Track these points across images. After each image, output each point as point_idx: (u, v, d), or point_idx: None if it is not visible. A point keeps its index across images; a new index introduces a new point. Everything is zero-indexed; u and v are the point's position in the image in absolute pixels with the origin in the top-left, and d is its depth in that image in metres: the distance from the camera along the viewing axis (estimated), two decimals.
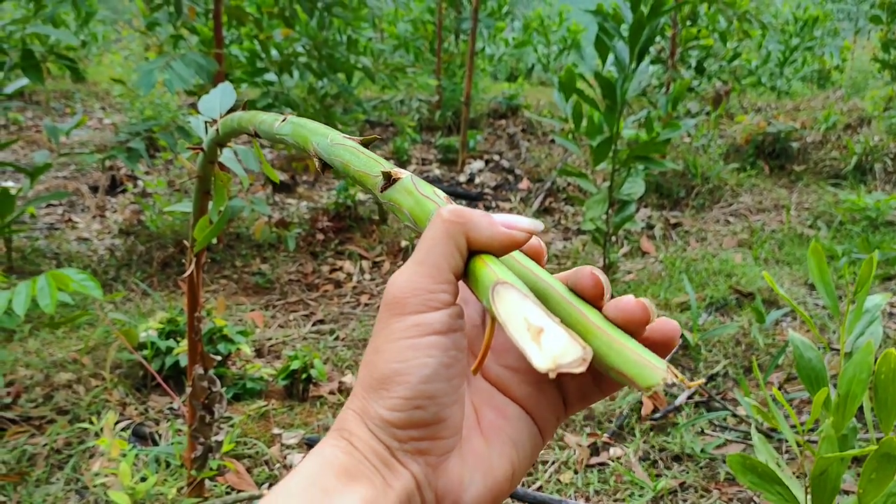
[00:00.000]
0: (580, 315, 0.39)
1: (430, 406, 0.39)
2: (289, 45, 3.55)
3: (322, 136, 0.53)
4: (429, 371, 0.39)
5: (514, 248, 0.41)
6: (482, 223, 0.40)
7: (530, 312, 0.35)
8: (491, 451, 0.43)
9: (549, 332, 0.34)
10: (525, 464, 0.45)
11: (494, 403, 0.45)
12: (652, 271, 3.34)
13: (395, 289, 0.41)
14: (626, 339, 0.38)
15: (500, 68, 8.70)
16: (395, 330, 0.40)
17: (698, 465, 1.99)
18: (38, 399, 2.14)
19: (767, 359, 2.50)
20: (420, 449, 0.40)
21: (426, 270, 0.40)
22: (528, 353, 0.33)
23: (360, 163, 0.48)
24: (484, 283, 0.38)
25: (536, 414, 0.46)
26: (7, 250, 3.02)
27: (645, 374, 0.36)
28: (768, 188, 4.58)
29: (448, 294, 0.40)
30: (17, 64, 2.50)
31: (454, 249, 0.40)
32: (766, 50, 7.70)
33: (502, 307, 0.36)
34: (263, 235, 3.45)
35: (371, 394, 0.40)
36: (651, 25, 2.77)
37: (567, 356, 0.33)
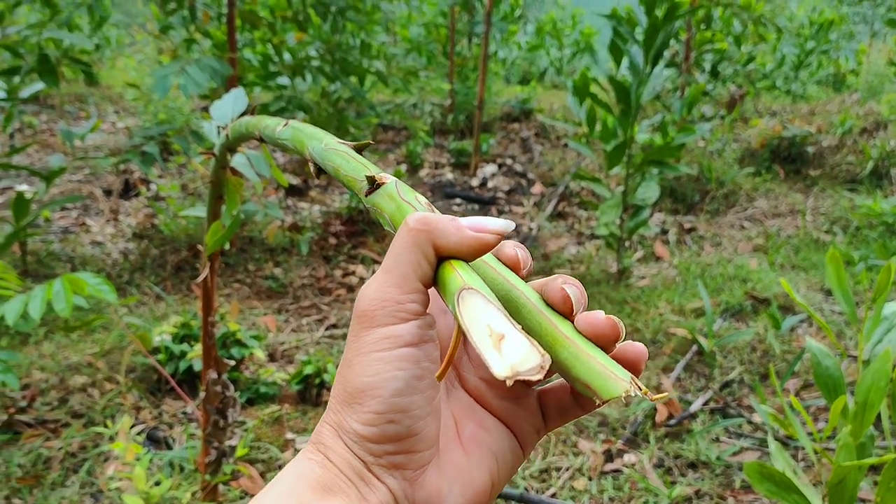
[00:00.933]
0: (550, 325, 0.39)
1: (403, 419, 0.39)
2: (302, 48, 3.55)
3: (317, 141, 0.53)
4: (400, 384, 0.39)
5: (484, 251, 0.40)
6: (448, 229, 0.40)
7: (493, 319, 0.35)
8: (470, 462, 0.43)
9: (509, 338, 0.34)
10: (505, 476, 0.44)
11: (475, 415, 0.45)
12: (666, 276, 3.32)
13: (364, 301, 0.40)
14: (593, 350, 0.38)
15: (512, 72, 8.69)
16: (365, 343, 0.39)
17: (714, 473, 1.98)
18: (53, 402, 2.15)
19: (783, 366, 2.48)
20: (395, 463, 0.40)
21: (394, 281, 0.40)
22: (488, 359, 0.33)
23: (350, 167, 0.48)
24: (450, 290, 0.38)
25: (515, 427, 0.45)
26: (22, 254, 3.04)
27: (608, 385, 0.36)
28: (784, 193, 4.55)
29: (417, 304, 0.40)
30: (34, 68, 2.51)
31: (421, 258, 0.40)
32: (781, 53, 7.66)
33: (466, 313, 0.35)
34: (276, 239, 3.46)
35: (345, 408, 0.40)
36: (666, 29, 2.76)
37: (525, 363, 0.33)
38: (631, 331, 2.74)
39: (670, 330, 2.71)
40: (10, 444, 1.95)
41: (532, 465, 1.99)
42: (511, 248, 0.43)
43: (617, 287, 3.15)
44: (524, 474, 1.95)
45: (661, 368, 2.49)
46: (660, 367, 2.50)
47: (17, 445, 1.95)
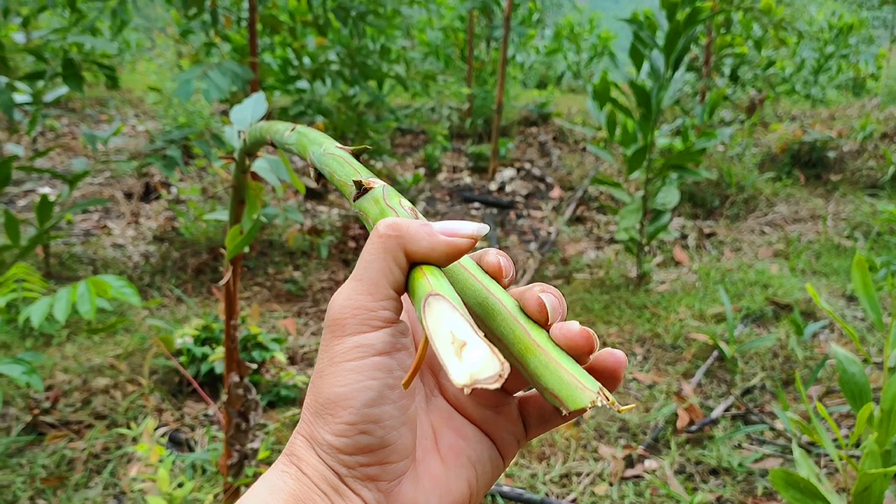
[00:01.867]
0: (523, 333, 0.39)
1: (376, 430, 0.38)
2: (322, 52, 3.57)
3: (317, 146, 0.54)
4: (373, 394, 0.38)
5: (457, 256, 0.39)
6: (419, 234, 0.39)
7: (456, 325, 0.34)
8: (448, 472, 0.42)
9: (471, 346, 0.33)
10: (483, 486, 0.44)
11: (453, 424, 0.44)
12: (686, 281, 3.31)
13: (335, 309, 0.40)
14: (564, 360, 0.37)
15: (530, 76, 8.69)
16: (337, 353, 0.39)
17: (735, 480, 1.96)
18: (76, 404, 2.16)
19: (806, 372, 2.46)
20: (369, 475, 0.39)
21: (364, 288, 0.39)
22: (448, 366, 0.33)
23: (343, 172, 0.49)
24: (418, 295, 0.37)
25: (496, 436, 0.45)
26: (45, 256, 3.06)
27: (575, 395, 0.36)
28: (804, 198, 4.52)
29: (389, 311, 0.39)
30: (58, 72, 2.53)
31: (392, 264, 0.39)
32: (801, 57, 7.62)
33: (431, 319, 0.35)
34: (296, 243, 3.47)
35: (317, 419, 0.39)
36: (687, 33, 2.75)
37: (484, 371, 0.32)
38: (651, 336, 2.73)
39: (690, 335, 2.70)
40: (35, 445, 1.97)
41: (552, 470, 1.98)
42: (493, 256, 0.42)
43: (636, 292, 3.14)
44: (545, 479, 1.94)
45: (681, 374, 2.48)
46: (680, 372, 2.49)
47: (41, 446, 1.96)
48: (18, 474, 1.84)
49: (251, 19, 2.79)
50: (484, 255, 0.43)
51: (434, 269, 0.39)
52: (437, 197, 4.63)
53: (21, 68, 3.03)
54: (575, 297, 3.09)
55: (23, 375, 1.59)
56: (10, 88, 2.50)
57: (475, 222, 0.40)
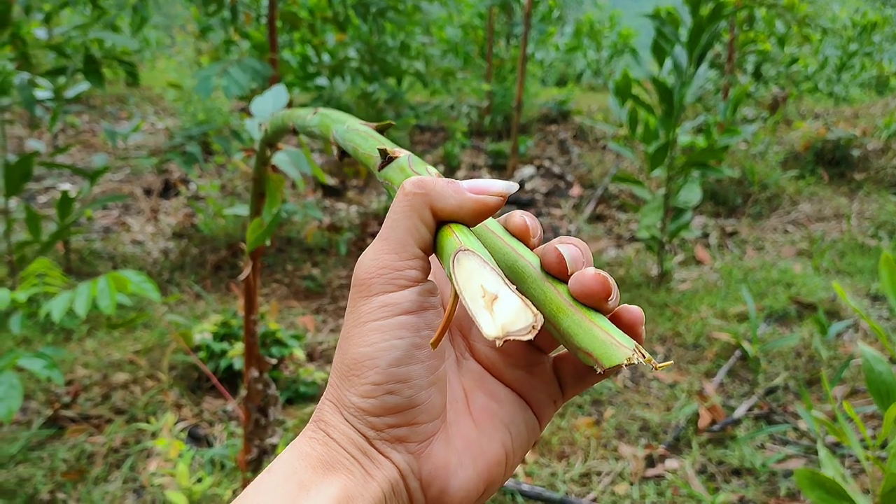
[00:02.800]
0: (554, 294, 0.38)
1: (403, 390, 0.37)
2: (341, 49, 3.56)
3: (341, 124, 0.54)
4: (399, 353, 0.37)
5: (486, 214, 0.38)
6: (446, 191, 0.38)
7: (487, 279, 0.34)
8: (481, 435, 0.41)
9: (502, 299, 0.33)
10: (520, 449, 0.43)
11: (486, 387, 0.43)
12: (708, 280, 3.27)
13: (361, 269, 0.39)
14: (597, 317, 0.36)
15: (549, 73, 8.66)
16: (363, 313, 0.38)
17: (758, 480, 1.94)
18: (96, 398, 2.17)
19: (830, 372, 2.43)
20: (398, 436, 0.38)
21: (391, 247, 0.38)
22: (479, 320, 0.32)
23: (368, 146, 0.48)
24: (447, 252, 0.37)
25: (530, 397, 0.44)
26: (66, 251, 3.08)
27: (610, 352, 0.35)
28: (828, 196, 4.47)
29: (416, 270, 0.39)
30: (79, 69, 2.54)
31: (419, 222, 0.38)
32: (824, 55, 7.54)
33: (461, 275, 0.35)
34: (315, 240, 3.47)
35: (343, 382, 0.39)
36: (711, 29, 2.72)
37: (517, 323, 0.32)
38: (672, 335, 2.70)
39: (713, 334, 2.67)
40: (55, 439, 1.97)
41: (572, 468, 1.97)
42: (519, 217, 0.41)
43: (657, 291, 3.11)
44: (564, 478, 1.93)
45: (703, 373, 2.46)
46: (702, 371, 2.46)
47: (61, 440, 1.97)
48: (39, 468, 1.84)
49: (271, 16, 2.78)
50: (510, 217, 0.42)
51: (463, 228, 0.38)
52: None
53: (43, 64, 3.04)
54: None
55: (44, 370, 1.59)
56: (31, 85, 2.51)
57: (503, 180, 0.39)
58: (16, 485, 1.78)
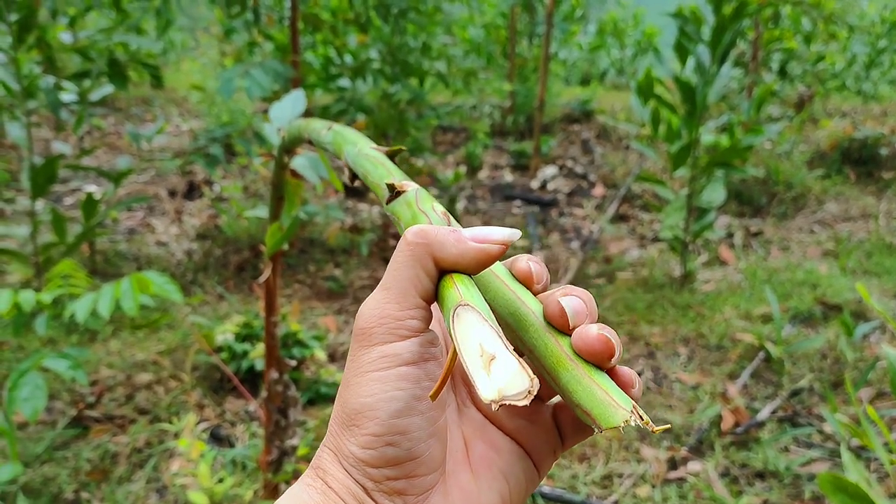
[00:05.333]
0: (555, 346, 0.37)
1: (402, 442, 0.37)
2: (363, 50, 3.57)
3: (352, 146, 0.54)
4: (399, 405, 0.37)
5: (487, 263, 0.38)
6: (447, 241, 0.38)
7: (486, 337, 0.33)
8: (480, 485, 0.41)
9: (500, 359, 0.33)
10: (518, 499, 0.43)
11: (486, 436, 0.43)
12: (731, 281, 3.24)
13: (362, 318, 0.39)
14: (596, 374, 0.36)
15: (572, 72, 8.62)
16: (363, 363, 0.38)
17: (782, 483, 1.91)
18: (120, 399, 2.19)
19: (855, 374, 2.39)
20: (396, 489, 0.38)
21: (392, 296, 0.38)
22: (476, 381, 0.32)
23: (377, 174, 0.48)
24: (447, 305, 0.36)
25: (530, 447, 0.43)
26: (91, 253, 3.11)
27: (607, 414, 0.35)
28: (855, 196, 4.41)
29: (417, 320, 0.38)
30: (103, 72, 2.56)
31: (420, 272, 0.38)
32: (851, 52, 7.43)
33: (460, 330, 0.34)
34: (337, 241, 3.48)
35: (343, 430, 0.39)
36: (734, 28, 2.70)
37: (513, 388, 0.32)
38: (695, 336, 2.68)
39: (736, 336, 2.64)
40: (79, 439, 1.99)
41: (594, 471, 1.96)
42: (524, 263, 0.41)
43: (681, 291, 3.08)
44: (586, 480, 1.92)
45: (726, 375, 2.43)
46: (725, 373, 2.44)
47: (85, 440, 1.99)
48: (64, 467, 1.86)
49: (293, 18, 2.79)
50: (515, 261, 0.42)
51: (464, 278, 0.38)
52: (478, 195, 4.61)
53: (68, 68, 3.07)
54: (618, 296, 3.05)
55: (68, 370, 1.61)
56: (57, 88, 2.54)
57: (506, 228, 0.39)
58: (41, 484, 1.80)
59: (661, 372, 2.46)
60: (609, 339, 0.36)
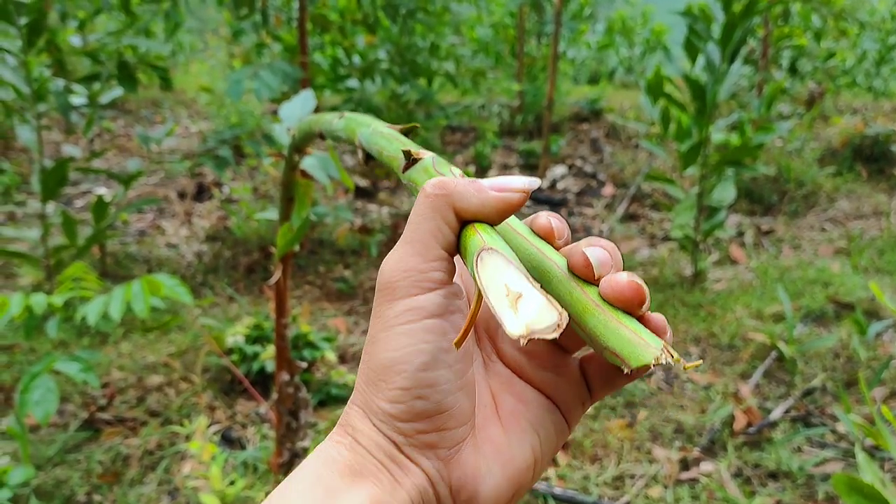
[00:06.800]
0: (580, 294, 0.37)
1: (432, 395, 0.37)
2: (371, 51, 3.57)
3: (366, 127, 0.54)
4: (426, 358, 0.37)
5: (509, 212, 0.38)
6: (468, 191, 0.38)
7: (511, 278, 0.33)
8: (510, 438, 0.41)
9: (527, 297, 0.32)
10: (549, 452, 0.42)
11: (514, 389, 0.43)
12: (743, 280, 3.23)
13: (385, 273, 0.39)
14: (623, 318, 0.36)
15: (581, 71, 8.60)
16: (388, 317, 0.38)
17: (795, 483, 1.90)
18: (131, 401, 2.19)
19: (869, 373, 2.38)
20: (427, 442, 0.38)
21: (414, 250, 0.38)
22: (503, 319, 0.32)
23: (393, 148, 0.49)
24: (471, 251, 0.36)
25: (558, 399, 0.43)
26: (101, 255, 3.12)
27: (637, 352, 0.34)
28: (867, 193, 4.38)
29: (441, 272, 0.38)
30: (113, 74, 2.57)
31: (442, 223, 0.38)
32: (862, 49, 7.39)
33: (484, 274, 0.34)
34: (346, 242, 3.48)
35: (371, 387, 0.38)
36: (743, 26, 2.69)
37: (541, 322, 0.31)
38: (706, 335, 2.67)
39: (748, 335, 2.63)
40: (91, 442, 2.00)
41: (605, 471, 1.95)
42: (545, 218, 0.41)
43: (692, 291, 3.07)
44: (597, 481, 1.91)
45: (738, 374, 2.42)
46: (737, 373, 2.43)
47: (97, 443, 1.99)
48: (76, 470, 1.87)
49: (301, 19, 2.80)
50: (536, 218, 0.41)
51: (487, 227, 0.38)
52: None
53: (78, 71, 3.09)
54: None
55: (80, 373, 1.61)
56: (67, 91, 2.55)
57: (525, 176, 0.38)
58: (53, 486, 1.80)
59: (672, 372, 2.45)
60: (640, 286, 0.36)
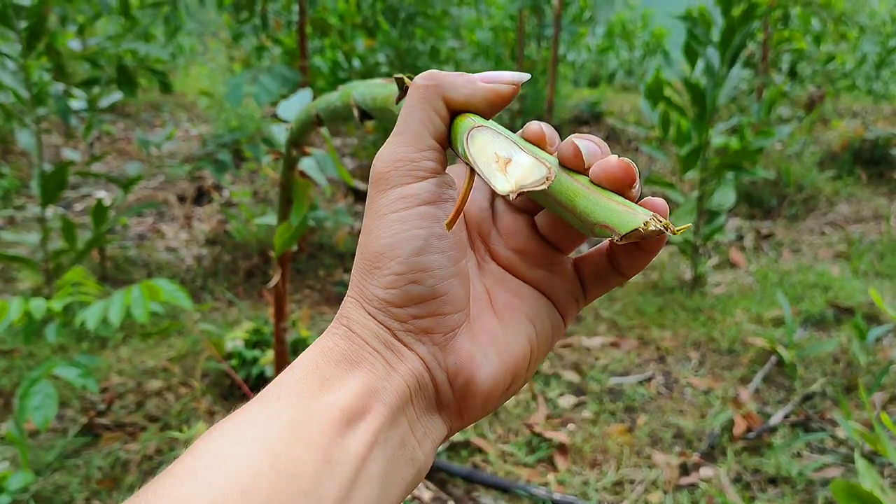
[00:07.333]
0: (570, 181, 0.37)
1: (426, 279, 0.37)
2: (371, 54, 3.57)
3: (360, 85, 0.56)
4: (420, 243, 0.37)
5: (499, 103, 0.38)
6: (457, 81, 0.39)
7: (501, 147, 0.34)
8: (506, 328, 0.41)
9: (516, 160, 0.33)
10: (545, 343, 0.43)
11: (508, 286, 0.43)
12: (742, 284, 3.23)
13: (378, 164, 0.39)
14: (613, 197, 0.36)
15: (581, 74, 8.61)
16: (382, 205, 0.38)
17: (795, 489, 1.90)
18: (130, 406, 2.19)
19: (869, 378, 2.37)
20: (423, 327, 0.38)
21: (406, 140, 0.39)
22: (492, 181, 0.32)
23: (387, 90, 0.50)
24: (461, 132, 0.37)
25: (553, 295, 0.43)
26: (101, 259, 3.12)
27: (626, 219, 0.34)
28: (867, 197, 4.38)
29: (433, 161, 0.39)
30: (113, 78, 2.57)
31: (432, 114, 0.39)
32: (862, 52, 7.39)
33: (474, 148, 0.35)
34: (346, 245, 3.48)
35: (365, 276, 0.39)
36: (743, 30, 2.69)
37: (530, 177, 0.32)
38: (706, 340, 2.67)
39: (748, 340, 2.63)
40: (90, 447, 1.99)
41: (605, 476, 1.95)
42: (536, 125, 0.41)
43: (691, 295, 3.07)
44: (597, 486, 1.91)
45: (738, 379, 2.42)
46: (737, 377, 2.43)
47: (96, 448, 1.99)
48: (75, 475, 1.86)
49: (301, 22, 2.80)
50: (527, 127, 0.42)
51: (478, 116, 0.38)
52: None
53: (77, 75, 3.09)
54: (628, 300, 3.04)
55: (79, 378, 1.61)
56: (66, 95, 2.55)
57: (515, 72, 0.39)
58: (52, 492, 1.80)
59: (671, 377, 2.45)
60: (629, 165, 0.36)
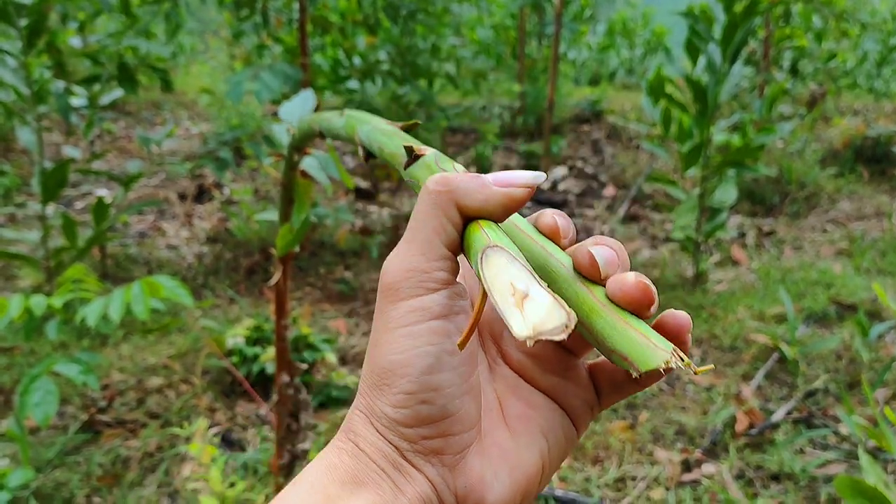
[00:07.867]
0: (587, 294, 0.36)
1: (437, 399, 0.36)
2: (372, 52, 3.57)
3: (366, 124, 0.53)
4: (431, 360, 0.36)
5: (514, 207, 0.37)
6: (471, 186, 0.36)
7: (517, 276, 0.32)
8: (518, 443, 0.39)
9: (533, 297, 0.31)
10: (557, 457, 0.41)
11: (520, 393, 0.41)
12: (744, 281, 3.22)
13: (388, 274, 0.38)
14: (632, 319, 0.34)
15: (582, 72, 8.60)
16: (391, 318, 0.37)
17: (798, 485, 1.89)
18: (131, 403, 2.19)
19: (872, 374, 2.37)
20: (432, 448, 0.37)
21: (418, 248, 0.37)
22: (509, 320, 0.31)
23: (393, 144, 0.48)
24: (475, 249, 0.35)
25: (566, 404, 0.42)
26: (102, 257, 3.11)
27: (646, 355, 0.33)
28: (868, 194, 4.37)
29: (445, 272, 0.37)
30: (113, 76, 2.57)
31: (445, 221, 0.37)
32: (863, 50, 7.38)
33: (489, 272, 0.33)
34: (347, 243, 3.47)
35: (374, 391, 0.37)
36: (745, 27, 2.68)
37: (549, 322, 0.30)
38: (708, 337, 2.66)
39: (750, 336, 2.62)
40: (91, 444, 1.99)
41: (607, 473, 1.94)
42: (549, 217, 0.40)
43: (693, 292, 3.06)
44: (599, 483, 1.90)
45: (740, 376, 2.41)
46: (739, 374, 2.42)
47: (97, 445, 1.99)
48: (76, 472, 1.86)
49: (302, 20, 2.79)
50: (540, 216, 0.40)
51: (491, 224, 0.37)
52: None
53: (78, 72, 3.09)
54: None
55: (79, 375, 1.61)
56: (67, 93, 2.54)
57: (530, 171, 0.37)
58: (53, 489, 1.80)
59: (673, 374, 2.45)
60: (648, 286, 0.35)
